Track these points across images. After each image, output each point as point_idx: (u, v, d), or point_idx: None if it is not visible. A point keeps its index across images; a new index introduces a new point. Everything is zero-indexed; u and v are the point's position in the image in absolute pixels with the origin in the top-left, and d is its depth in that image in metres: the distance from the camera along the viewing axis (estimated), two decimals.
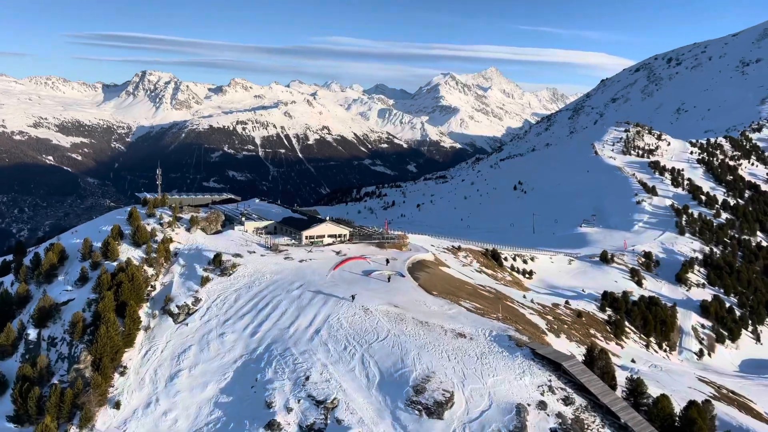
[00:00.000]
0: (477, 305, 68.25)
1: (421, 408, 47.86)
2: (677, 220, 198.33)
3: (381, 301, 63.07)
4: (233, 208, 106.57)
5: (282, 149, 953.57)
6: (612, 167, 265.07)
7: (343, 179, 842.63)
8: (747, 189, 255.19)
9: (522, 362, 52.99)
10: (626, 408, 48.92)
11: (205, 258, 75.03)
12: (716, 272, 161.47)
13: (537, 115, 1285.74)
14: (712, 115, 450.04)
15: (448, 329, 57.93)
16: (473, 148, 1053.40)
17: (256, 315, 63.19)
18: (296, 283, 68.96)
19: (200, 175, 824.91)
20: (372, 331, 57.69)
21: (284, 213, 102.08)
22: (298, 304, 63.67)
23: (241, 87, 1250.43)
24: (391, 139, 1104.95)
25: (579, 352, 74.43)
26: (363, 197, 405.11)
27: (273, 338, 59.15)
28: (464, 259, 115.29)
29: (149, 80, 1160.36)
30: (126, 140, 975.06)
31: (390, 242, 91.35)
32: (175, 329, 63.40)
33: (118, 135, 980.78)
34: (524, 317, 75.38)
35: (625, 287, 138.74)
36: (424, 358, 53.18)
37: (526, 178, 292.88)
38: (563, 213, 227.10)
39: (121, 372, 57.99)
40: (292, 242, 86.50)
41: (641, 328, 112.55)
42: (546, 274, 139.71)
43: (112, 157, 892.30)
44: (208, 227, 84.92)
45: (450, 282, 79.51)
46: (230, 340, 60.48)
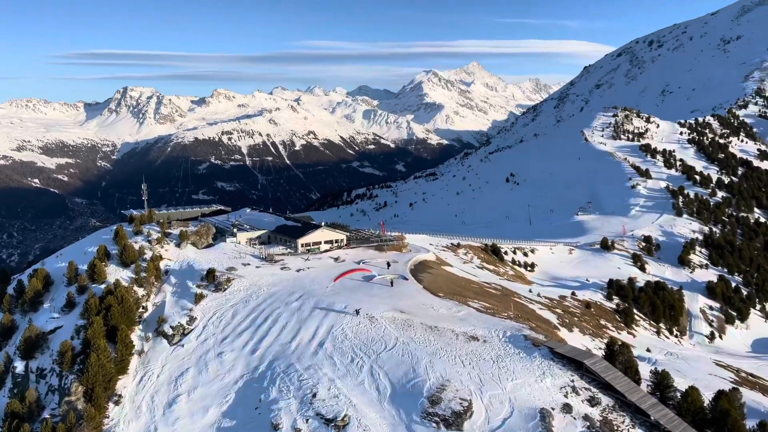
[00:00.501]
0: (486, 304, 65.21)
1: (439, 420, 44.73)
2: (674, 201, 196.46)
3: (386, 307, 59.88)
4: (224, 219, 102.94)
5: (269, 157, 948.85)
6: (603, 153, 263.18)
7: (332, 183, 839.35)
8: (739, 166, 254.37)
9: (541, 363, 49.97)
10: (656, 405, 45.99)
11: (198, 274, 71.55)
12: (718, 252, 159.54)
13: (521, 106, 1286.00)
14: (697, 94, 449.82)
15: (460, 333, 54.83)
16: (460, 143, 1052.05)
17: (255, 331, 59.85)
18: (295, 294, 65.63)
19: (189, 188, 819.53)
20: (379, 341, 54.50)
21: (277, 221, 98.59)
22: (299, 317, 60.37)
23: (224, 97, 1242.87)
24: (377, 139, 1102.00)
25: (594, 346, 71.67)
26: (354, 200, 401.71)
27: (275, 354, 55.87)
28: (465, 256, 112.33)
29: (131, 96, 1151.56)
30: (112, 158, 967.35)
31: (389, 244, 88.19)
32: (171, 351, 59.99)
33: (103, 153, 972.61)
34: (534, 313, 72.43)
35: (628, 273, 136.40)
36: (436, 365, 50.06)
37: (517, 170, 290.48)
38: (558, 202, 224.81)
39: (116, 401, 54.58)
40: (287, 251, 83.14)
41: (650, 314, 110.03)
42: (548, 265, 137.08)
43: (99, 176, 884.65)
44: (199, 241, 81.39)
45: (455, 282, 76.44)
46: (230, 359, 57.14)
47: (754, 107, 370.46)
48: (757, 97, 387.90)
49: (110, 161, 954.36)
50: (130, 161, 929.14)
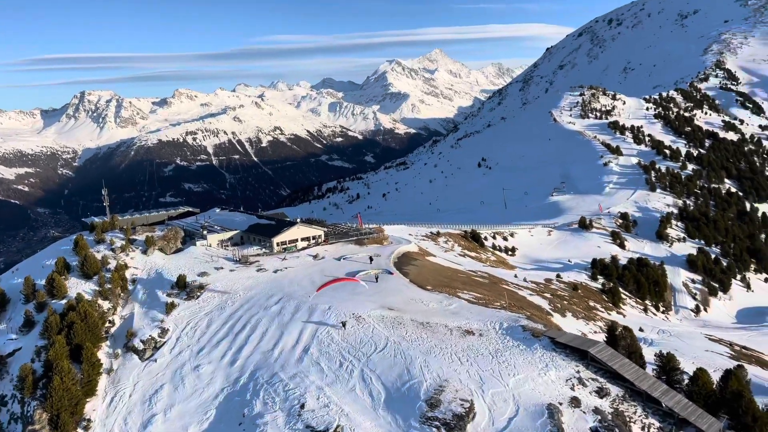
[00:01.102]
0: (476, 295, 61.99)
1: (439, 424, 41.34)
2: (646, 177, 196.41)
3: (373, 305, 56.18)
4: (192, 221, 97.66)
5: (236, 155, 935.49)
6: (573, 132, 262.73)
7: (301, 178, 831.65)
8: (706, 138, 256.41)
9: (543, 354, 46.89)
10: (667, 391, 43.27)
11: (168, 282, 66.81)
12: (694, 224, 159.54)
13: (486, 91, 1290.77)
14: (658, 70, 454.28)
15: (453, 327, 51.47)
16: (427, 131, 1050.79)
17: (233, 339, 55.69)
18: (274, 297, 61.48)
19: (155, 191, 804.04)
20: (368, 342, 50.84)
21: (249, 220, 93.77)
22: (280, 321, 56.32)
23: (186, 97, 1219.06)
24: (345, 132, 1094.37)
25: (589, 331, 69.14)
26: (325, 194, 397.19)
27: (256, 364, 51.85)
28: (446, 245, 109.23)
29: (89, 100, 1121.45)
30: (73, 165, 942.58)
31: (369, 237, 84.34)
32: (143, 368, 55.53)
33: (63, 161, 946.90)
34: (525, 300, 69.54)
35: (609, 251, 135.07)
36: (432, 364, 46.63)
37: (488, 154, 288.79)
38: (532, 184, 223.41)
39: (85, 426, 50.17)
40: (262, 251, 78.71)
41: (635, 292, 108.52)
42: (528, 248, 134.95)
43: (61, 184, 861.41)
44: (167, 246, 76.40)
45: (441, 272, 73.05)
46: (207, 372, 52.95)
47: (714, 80, 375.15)
48: (717, 70, 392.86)
49: (72, 168, 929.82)
50: (92, 167, 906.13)
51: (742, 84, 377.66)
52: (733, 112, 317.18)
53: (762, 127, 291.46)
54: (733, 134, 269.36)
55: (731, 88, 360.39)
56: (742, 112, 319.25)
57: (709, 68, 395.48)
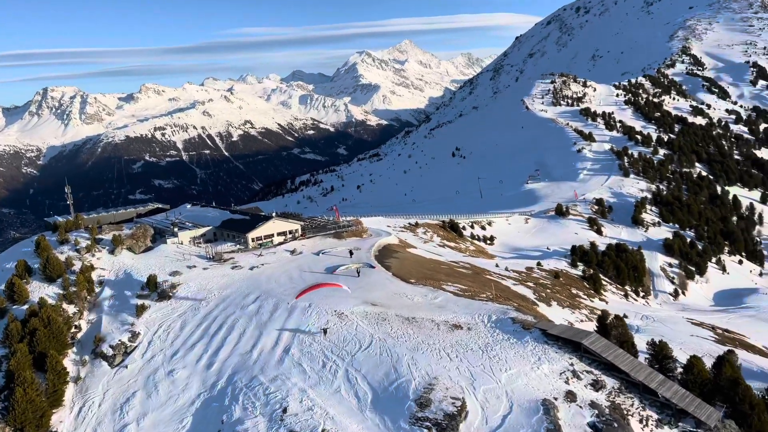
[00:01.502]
0: (461, 287, 60.07)
1: (430, 425, 39.25)
2: (619, 162, 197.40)
3: (355, 301, 53.80)
4: (162, 218, 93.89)
5: (206, 150, 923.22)
6: (545, 120, 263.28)
7: (274, 172, 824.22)
8: (675, 123, 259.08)
9: (534, 347, 45.10)
10: (664, 381, 41.84)
11: (137, 282, 63.48)
12: (668, 209, 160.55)
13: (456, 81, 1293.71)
14: (625, 57, 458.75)
15: (440, 322, 49.41)
16: (399, 122, 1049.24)
17: (209, 342, 52.84)
18: (251, 295, 58.66)
19: (124, 189, 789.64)
20: (352, 340, 48.50)
21: (222, 216, 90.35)
22: (258, 321, 53.63)
23: (153, 92, 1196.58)
24: (316, 124, 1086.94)
25: (575, 319, 67.82)
26: (299, 187, 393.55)
27: (234, 367, 49.14)
28: (424, 235, 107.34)
29: (52, 97, 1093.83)
30: (38, 163, 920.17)
31: (348, 230, 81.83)
32: (113, 375, 52.41)
33: (27, 159, 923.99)
34: (510, 290, 67.90)
35: (586, 238, 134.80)
36: (420, 362, 44.51)
37: (462, 144, 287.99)
38: (506, 173, 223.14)
39: None
40: (237, 248, 75.65)
41: (615, 277, 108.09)
42: (506, 237, 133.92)
43: (26, 183, 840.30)
44: (136, 245, 72.88)
45: (423, 265, 71.00)
46: (182, 377, 50.06)
47: (681, 65, 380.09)
48: (683, 56, 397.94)
49: (36, 167, 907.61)
50: (58, 165, 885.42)
51: (708, 69, 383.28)
52: (700, 96, 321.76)
53: (728, 111, 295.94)
54: (701, 119, 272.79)
55: (697, 73, 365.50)
56: (709, 96, 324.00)
57: (676, 54, 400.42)
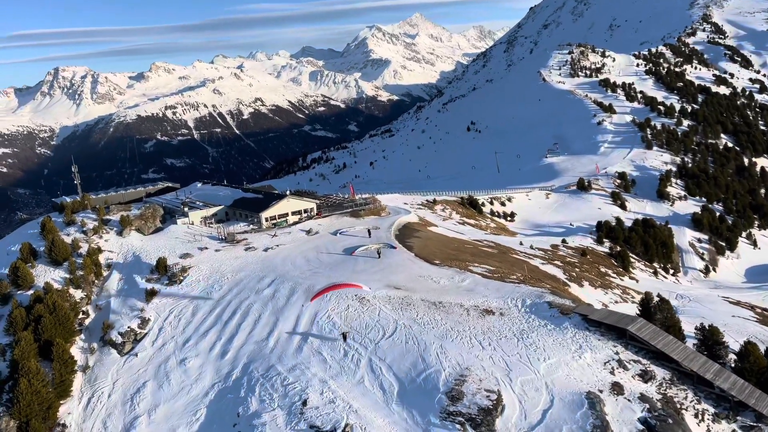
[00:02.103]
0: (489, 267, 56.42)
1: (464, 420, 35.93)
2: (642, 134, 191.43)
3: (377, 284, 50.37)
4: (173, 198, 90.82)
5: (217, 128, 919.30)
6: (563, 92, 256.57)
7: (285, 150, 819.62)
8: (698, 93, 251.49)
9: (575, 334, 41.47)
10: (720, 371, 38.12)
11: (147, 266, 60.45)
12: (693, 182, 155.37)
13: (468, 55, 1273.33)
14: (644, 26, 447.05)
15: (470, 307, 45.86)
16: (410, 97, 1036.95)
17: (222, 328, 49.80)
18: (266, 278, 55.41)
19: (137, 168, 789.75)
20: (375, 326, 45.13)
21: (234, 194, 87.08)
22: (274, 306, 50.42)
23: (164, 70, 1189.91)
24: (327, 101, 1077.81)
25: (609, 300, 64.06)
26: (310, 164, 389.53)
27: (250, 356, 46.09)
28: (443, 213, 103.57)
29: (63, 77, 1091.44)
30: (51, 144, 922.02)
31: (366, 209, 78.20)
32: (122, 363, 49.62)
33: (41, 140, 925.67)
34: (539, 270, 64.14)
35: (609, 213, 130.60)
36: (450, 350, 41.08)
37: (477, 117, 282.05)
38: (524, 147, 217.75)
39: None
40: (250, 228, 72.39)
41: (643, 254, 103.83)
42: (527, 213, 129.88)
43: (40, 164, 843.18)
44: (145, 226, 69.81)
45: (446, 244, 67.33)
46: (195, 366, 47.13)
47: (702, 34, 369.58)
48: (704, 24, 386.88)
49: (50, 147, 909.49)
50: (71, 146, 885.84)
51: (730, 38, 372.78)
52: (722, 66, 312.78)
53: (752, 81, 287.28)
54: (725, 88, 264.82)
55: (719, 42, 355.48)
56: (731, 65, 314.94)
57: (696, 22, 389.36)
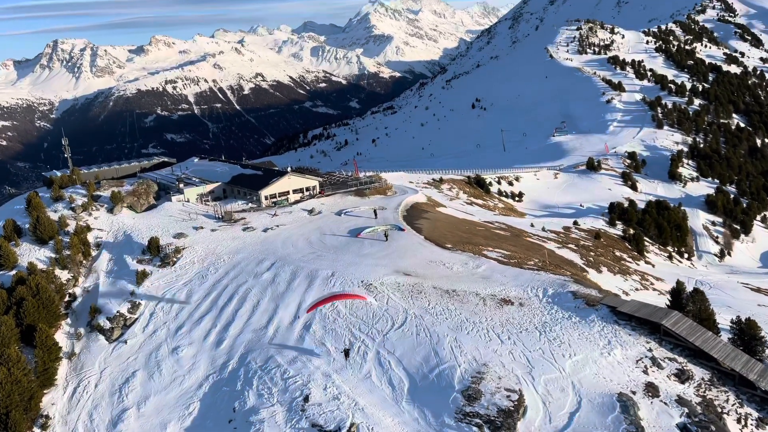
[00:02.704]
0: (504, 252, 52.76)
1: (481, 422, 32.55)
2: (653, 113, 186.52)
3: (385, 269, 46.74)
4: (168, 173, 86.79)
5: (218, 103, 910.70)
6: (571, 69, 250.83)
7: (285, 126, 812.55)
8: (709, 71, 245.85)
9: (603, 328, 37.91)
10: (765, 371, 34.60)
11: (138, 246, 56.82)
12: (705, 162, 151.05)
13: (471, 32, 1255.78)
14: (653, 3, 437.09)
15: (486, 296, 42.27)
16: (413, 74, 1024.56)
17: (218, 315, 46.33)
18: (266, 261, 51.80)
19: (137, 143, 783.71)
20: (383, 316, 41.61)
21: (232, 170, 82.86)
22: (274, 291, 46.87)
23: (164, 44, 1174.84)
24: (328, 77, 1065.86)
25: (629, 287, 60.46)
26: (311, 141, 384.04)
27: (247, 345, 42.69)
28: (449, 192, 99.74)
29: (62, 49, 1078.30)
30: (51, 117, 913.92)
31: (371, 188, 74.25)
32: (111, 350, 46.28)
33: (41, 113, 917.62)
34: (555, 255, 60.47)
35: (620, 194, 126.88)
36: (465, 344, 37.59)
37: (482, 94, 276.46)
38: (530, 125, 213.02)
39: (42, 425, 41.25)
40: (249, 207, 68.62)
41: (656, 237, 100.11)
42: (535, 193, 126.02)
43: (40, 137, 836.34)
44: (137, 203, 66.02)
45: (457, 226, 63.55)
46: (188, 355, 43.79)
47: (711, 12, 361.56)
48: (713, 1, 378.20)
49: (49, 120, 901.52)
50: (71, 119, 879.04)
51: (740, 16, 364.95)
52: (733, 44, 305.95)
53: (763, 60, 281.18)
54: (736, 67, 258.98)
55: (729, 20, 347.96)
56: (742, 44, 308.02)
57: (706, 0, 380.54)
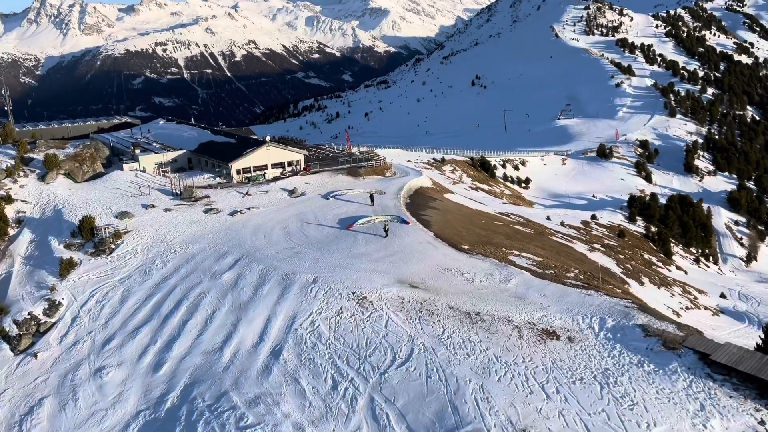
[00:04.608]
0: (534, 257, 41.66)
1: None
2: (665, 100, 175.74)
3: (384, 277, 35.43)
4: (127, 136, 74.22)
5: (208, 69, 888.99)
6: (577, 50, 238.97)
7: (277, 96, 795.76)
8: (721, 60, 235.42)
9: (690, 384, 27.04)
10: None
11: (69, 226, 45.00)
12: (722, 156, 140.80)
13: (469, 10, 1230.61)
14: None
15: (521, 323, 31.24)
16: (408, 50, 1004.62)
17: (160, 326, 34.99)
18: (228, 256, 40.29)
19: (124, 105, 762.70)
20: (381, 345, 30.46)
21: (201, 137, 69.59)
22: (235, 300, 35.49)
23: (155, 4, 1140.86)
24: (322, 48, 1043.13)
25: (677, 305, 49.65)
26: (302, 112, 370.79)
27: (194, 373, 31.45)
28: (452, 174, 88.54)
29: (50, 4, 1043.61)
30: (36, 74, 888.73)
31: (366, 166, 62.33)
32: (15, 366, 34.91)
33: (26, 69, 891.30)
34: (587, 260, 49.53)
35: (634, 185, 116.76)
36: (496, 397, 26.61)
37: (482, 72, 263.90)
38: (533, 106, 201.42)
39: None
40: (216, 182, 56.84)
41: (679, 237, 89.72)
42: (542, 180, 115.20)
43: (24, 93, 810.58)
44: (79, 170, 53.82)
45: (471, 219, 52.07)
46: (115, 380, 32.51)
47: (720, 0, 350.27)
48: None
49: (35, 77, 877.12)
50: (56, 77, 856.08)
51: (748, 6, 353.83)
52: (741, 34, 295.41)
53: None
54: (746, 57, 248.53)
55: (737, 9, 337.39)
56: (750, 35, 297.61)
57: None
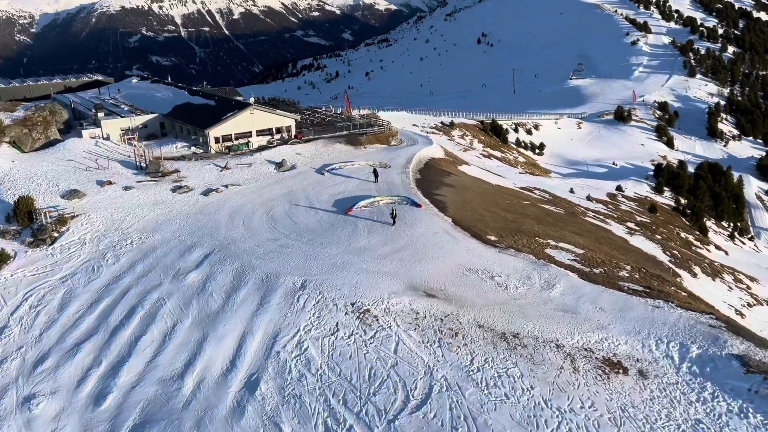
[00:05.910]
0: (575, 248, 33.96)
1: None
2: (684, 59, 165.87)
3: (392, 282, 27.68)
4: (93, 96, 65.30)
5: (206, 27, 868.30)
6: (589, 5, 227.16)
7: (275, 54, 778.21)
8: (740, 17, 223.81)
9: None
10: None
11: (3, 207, 37.14)
12: (747, 119, 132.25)
13: None
14: None
15: (574, 350, 23.75)
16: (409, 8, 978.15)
17: (106, 342, 27.49)
18: (196, 250, 32.47)
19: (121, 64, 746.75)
20: (388, 378, 22.97)
21: (176, 98, 59.70)
22: (202, 308, 27.82)
23: None
24: (322, 5, 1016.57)
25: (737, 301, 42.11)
26: (300, 71, 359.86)
27: (146, 408, 24.01)
28: (462, 140, 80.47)
29: None
30: (31, 31, 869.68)
31: (368, 133, 53.79)
32: None
33: (20, 26, 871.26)
34: (630, 247, 41.87)
35: (655, 151, 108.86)
36: None
37: (489, 29, 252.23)
38: (543, 66, 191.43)
39: None
40: (191, 152, 48.57)
41: (710, 209, 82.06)
42: (557, 145, 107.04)
43: (19, 52, 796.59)
44: (27, 137, 45.47)
45: (494, 199, 43.78)
46: (46, 415, 25.11)
47: None
48: None
49: (30, 35, 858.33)
50: (51, 35, 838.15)
51: None
52: None
53: None
54: (766, 15, 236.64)
55: None
56: None
57: None
